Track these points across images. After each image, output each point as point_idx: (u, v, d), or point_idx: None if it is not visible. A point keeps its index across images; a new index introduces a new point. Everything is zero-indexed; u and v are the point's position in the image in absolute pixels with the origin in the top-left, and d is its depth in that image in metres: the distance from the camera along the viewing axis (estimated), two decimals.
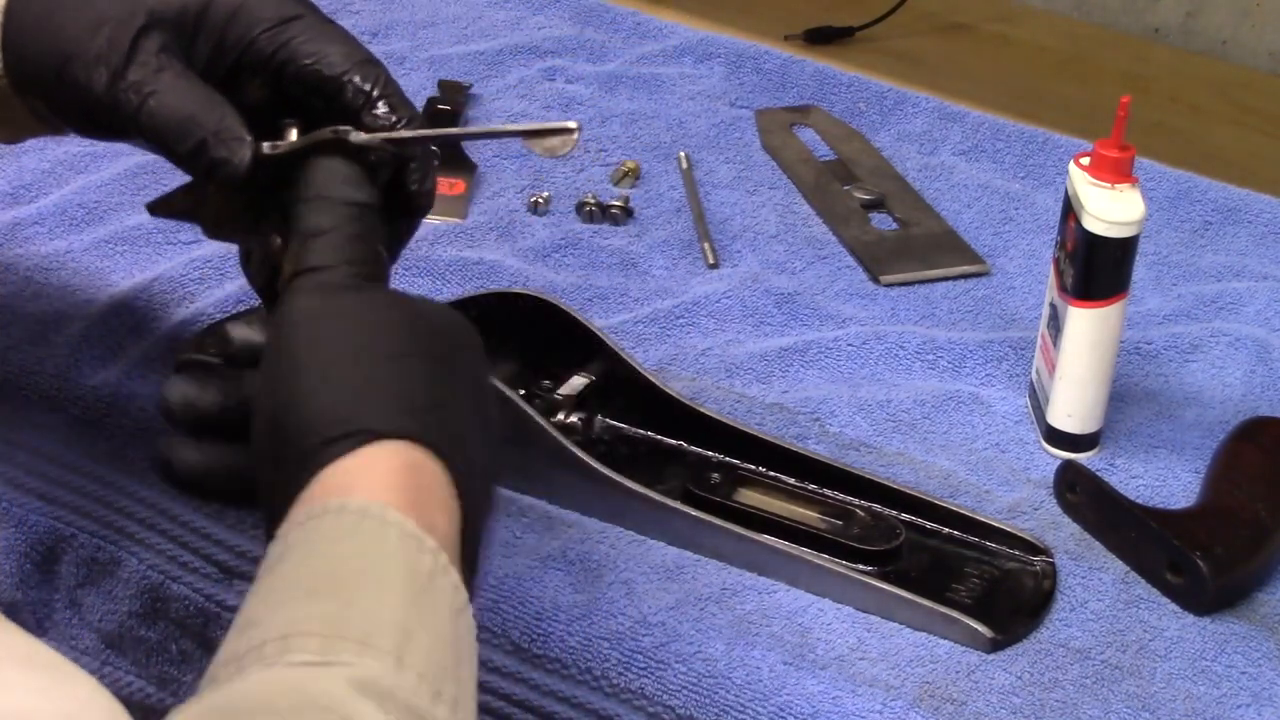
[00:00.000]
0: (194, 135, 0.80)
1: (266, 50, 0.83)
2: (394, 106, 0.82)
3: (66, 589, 0.96)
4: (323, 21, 0.84)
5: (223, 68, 0.83)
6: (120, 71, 0.80)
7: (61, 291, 1.04)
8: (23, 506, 0.96)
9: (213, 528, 0.92)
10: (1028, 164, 1.25)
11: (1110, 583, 0.91)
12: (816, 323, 1.08)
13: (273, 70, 0.83)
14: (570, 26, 1.39)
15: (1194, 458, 0.98)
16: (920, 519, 0.93)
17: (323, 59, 0.82)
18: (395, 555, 0.65)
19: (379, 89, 0.82)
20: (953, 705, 0.83)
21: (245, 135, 0.80)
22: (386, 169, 0.81)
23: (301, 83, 0.83)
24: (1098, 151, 0.94)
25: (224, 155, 0.80)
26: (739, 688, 0.83)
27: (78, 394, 0.97)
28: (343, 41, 0.84)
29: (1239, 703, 0.84)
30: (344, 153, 0.80)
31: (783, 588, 0.89)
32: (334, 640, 0.61)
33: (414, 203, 0.84)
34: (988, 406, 1.02)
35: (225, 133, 0.80)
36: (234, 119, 0.80)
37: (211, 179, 0.81)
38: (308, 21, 0.83)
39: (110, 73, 0.80)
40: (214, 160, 0.80)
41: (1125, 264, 0.95)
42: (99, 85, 0.80)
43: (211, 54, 0.83)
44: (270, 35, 0.83)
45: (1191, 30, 1.49)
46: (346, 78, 0.82)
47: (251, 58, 0.83)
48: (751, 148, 1.26)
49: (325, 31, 0.84)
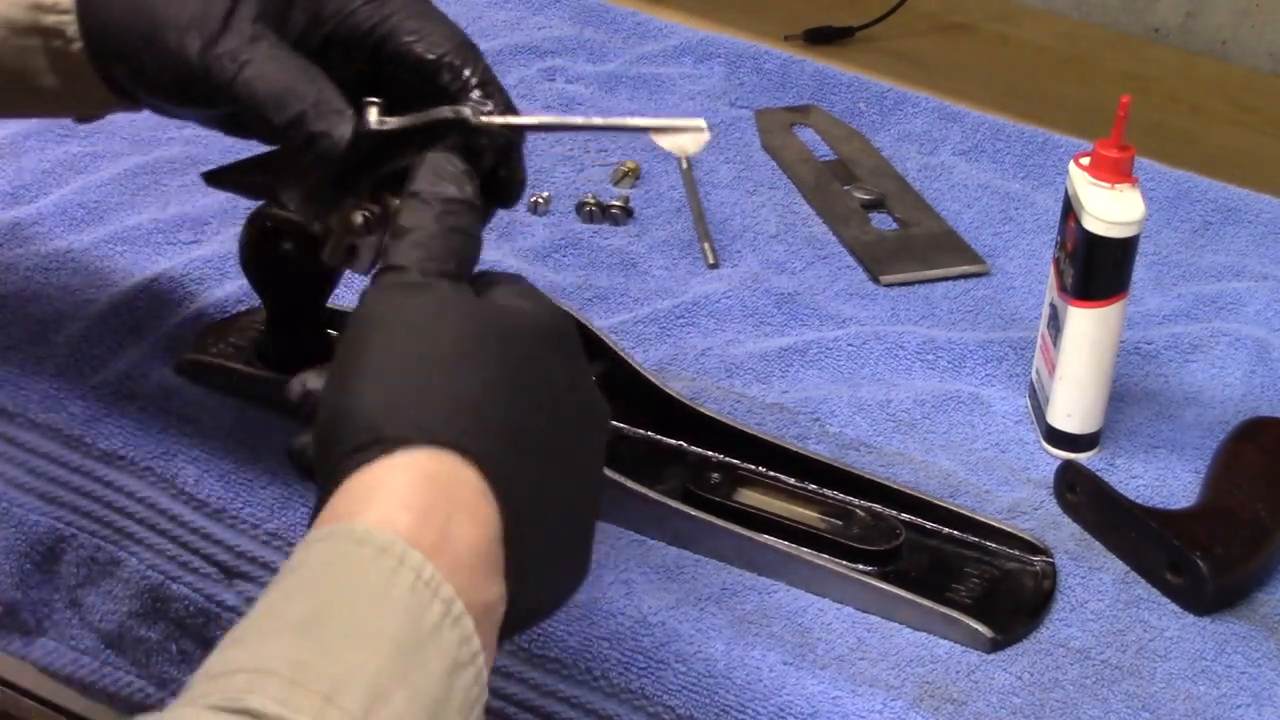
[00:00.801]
0: (292, 107, 0.77)
1: (365, 25, 0.80)
2: (490, 94, 0.79)
3: (66, 589, 0.96)
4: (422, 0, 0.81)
5: (316, 40, 0.81)
6: (214, 39, 0.77)
7: (61, 291, 1.04)
8: (23, 506, 0.96)
9: (213, 528, 0.92)
10: (1028, 164, 1.25)
11: (1110, 583, 0.91)
12: (816, 323, 1.08)
13: (369, 46, 0.80)
14: (570, 26, 1.39)
15: (1194, 458, 0.98)
16: (920, 519, 0.93)
17: (424, 37, 0.80)
18: (398, 603, 0.61)
19: (478, 75, 0.80)
20: (953, 705, 0.83)
21: (345, 108, 0.77)
22: (492, 155, 0.78)
23: (399, 60, 0.80)
24: (1098, 151, 0.94)
25: (323, 129, 0.77)
26: (739, 688, 0.83)
27: (78, 394, 0.97)
28: (443, 22, 0.81)
29: (1239, 703, 0.85)
30: (459, 132, 0.77)
31: (783, 588, 0.89)
32: (298, 689, 0.58)
33: (507, 191, 0.81)
34: (988, 406, 1.02)
35: (324, 105, 0.77)
36: (332, 91, 0.77)
37: (308, 153, 0.77)
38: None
39: (204, 40, 0.77)
40: (312, 134, 0.77)
41: (1125, 264, 0.95)
42: (191, 52, 0.78)
43: (307, 25, 0.81)
44: (370, 9, 0.80)
45: (1191, 30, 1.49)
46: (446, 59, 0.79)
47: (347, 32, 0.80)
48: (751, 148, 1.26)
49: (425, 10, 0.81)
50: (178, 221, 1.11)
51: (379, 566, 0.62)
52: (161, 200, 1.14)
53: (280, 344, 0.97)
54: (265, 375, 0.97)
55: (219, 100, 0.79)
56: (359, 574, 0.62)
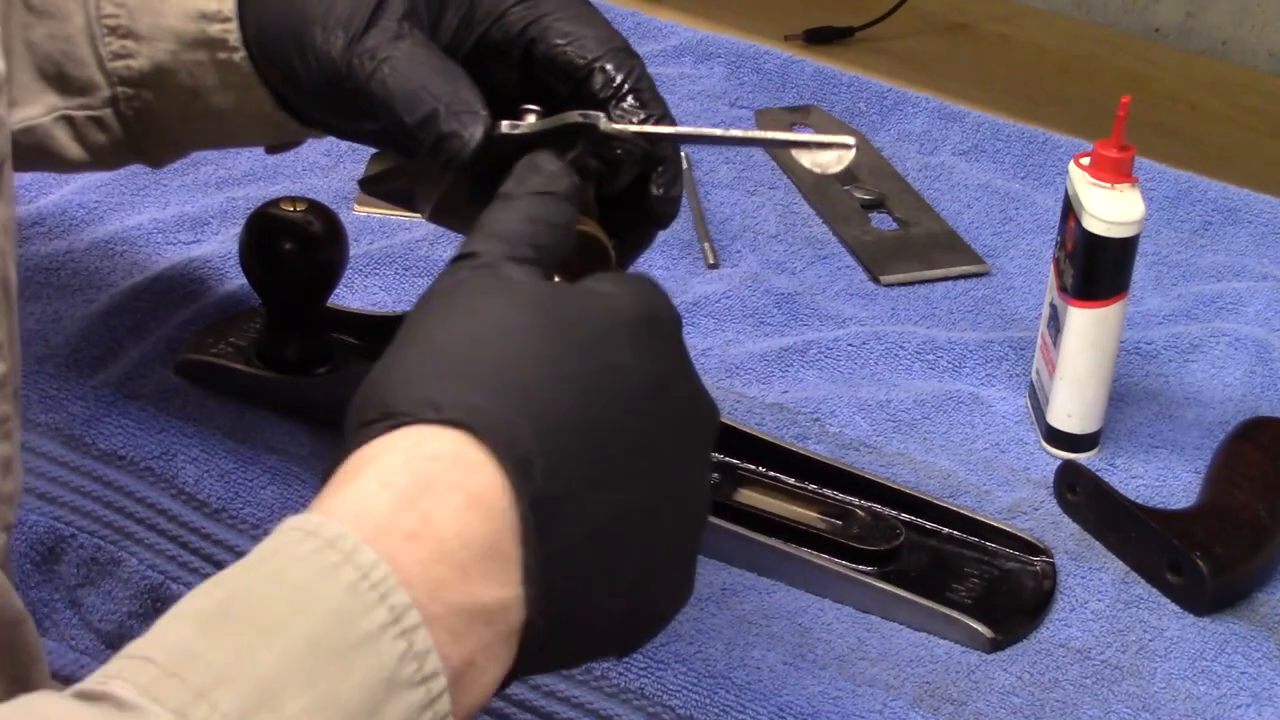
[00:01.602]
0: (425, 105, 0.73)
1: (517, 26, 0.77)
2: (645, 102, 0.76)
3: (66, 589, 0.96)
4: (579, 1, 0.78)
5: (469, 42, 0.78)
6: (358, 35, 0.75)
7: (61, 292, 1.04)
8: (23, 506, 0.96)
9: (213, 528, 0.92)
10: (1028, 164, 1.25)
11: (1110, 583, 0.91)
12: (816, 323, 1.08)
13: (521, 49, 0.77)
14: None
15: (1194, 458, 0.98)
16: (920, 519, 0.93)
17: (576, 41, 0.76)
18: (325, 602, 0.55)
19: (631, 81, 0.76)
20: (953, 705, 0.83)
21: (481, 110, 0.73)
22: (634, 167, 0.74)
23: (550, 65, 0.77)
24: (1098, 151, 0.94)
25: (454, 129, 0.72)
26: (739, 688, 0.83)
27: (78, 394, 0.97)
28: (600, 25, 0.77)
29: (1239, 703, 0.84)
30: (590, 141, 0.72)
31: (783, 588, 0.89)
32: (170, 680, 0.52)
33: (657, 209, 0.76)
34: (988, 406, 1.02)
35: (459, 105, 0.73)
36: (470, 92, 0.73)
37: (439, 156, 0.73)
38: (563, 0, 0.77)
39: (348, 36, 0.75)
40: (442, 134, 0.73)
41: (1125, 264, 0.95)
42: (335, 49, 0.75)
43: (459, 26, 0.78)
44: (523, 10, 0.77)
45: (1191, 30, 1.49)
46: (599, 64, 0.76)
47: (500, 34, 0.77)
48: (752, 147, 1.26)
49: (581, 13, 0.77)
50: (178, 221, 1.11)
51: (318, 561, 0.56)
52: (161, 200, 1.14)
53: (280, 344, 0.97)
54: (265, 375, 0.97)
55: (361, 101, 0.75)
56: (292, 567, 0.56)
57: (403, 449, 0.59)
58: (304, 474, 0.93)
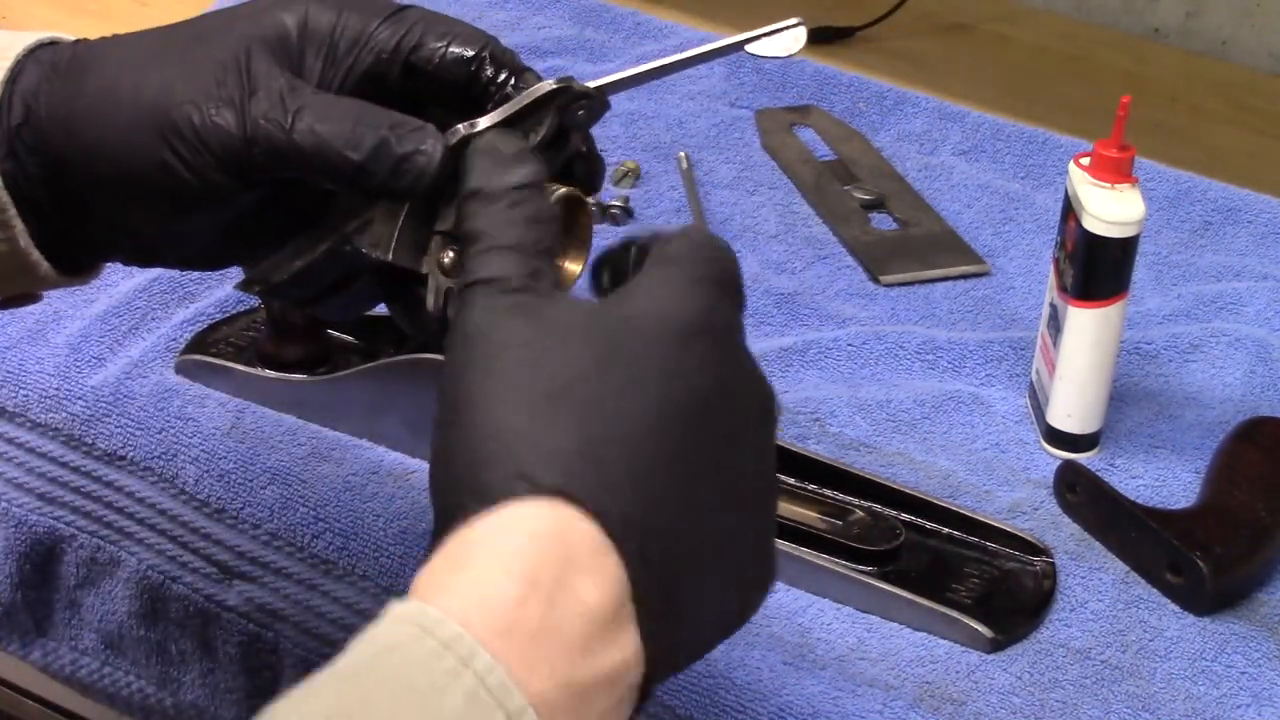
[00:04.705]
0: (369, 137, 0.68)
1: (390, 44, 0.73)
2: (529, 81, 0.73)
3: (66, 589, 0.96)
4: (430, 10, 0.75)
5: (338, 79, 0.73)
6: (244, 103, 0.69)
7: (61, 291, 1.04)
8: (23, 506, 0.96)
9: (213, 528, 0.92)
10: (1028, 164, 1.25)
11: (1110, 583, 0.91)
12: (816, 323, 1.08)
13: (399, 64, 0.73)
14: (570, 26, 1.39)
15: (1194, 458, 0.98)
16: (920, 519, 0.93)
17: (455, 37, 0.73)
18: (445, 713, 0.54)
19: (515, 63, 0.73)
20: (953, 705, 0.83)
21: (425, 124, 0.69)
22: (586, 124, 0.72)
23: (435, 67, 0.73)
24: (1098, 151, 0.94)
25: (410, 149, 0.68)
26: (739, 688, 0.83)
27: (78, 394, 0.97)
28: (459, 20, 0.74)
29: (1239, 703, 0.85)
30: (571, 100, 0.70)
31: (783, 588, 0.89)
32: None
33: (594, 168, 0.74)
34: (988, 406, 1.02)
35: (403, 125, 0.69)
36: (399, 113, 0.70)
37: (399, 181, 0.69)
38: (419, 9, 0.74)
39: (236, 107, 0.69)
40: (402, 156, 0.68)
41: (1125, 264, 0.95)
42: (228, 121, 0.69)
43: (324, 68, 0.73)
44: (389, 26, 0.73)
45: (1191, 30, 1.49)
46: (485, 53, 0.73)
47: (372, 58, 0.73)
48: (751, 148, 1.26)
49: (440, 16, 0.74)
50: None
51: (437, 666, 0.54)
52: None
53: (280, 344, 0.97)
54: (265, 375, 0.97)
55: (283, 162, 0.70)
56: (411, 670, 0.54)
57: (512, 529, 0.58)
58: (304, 474, 0.93)
